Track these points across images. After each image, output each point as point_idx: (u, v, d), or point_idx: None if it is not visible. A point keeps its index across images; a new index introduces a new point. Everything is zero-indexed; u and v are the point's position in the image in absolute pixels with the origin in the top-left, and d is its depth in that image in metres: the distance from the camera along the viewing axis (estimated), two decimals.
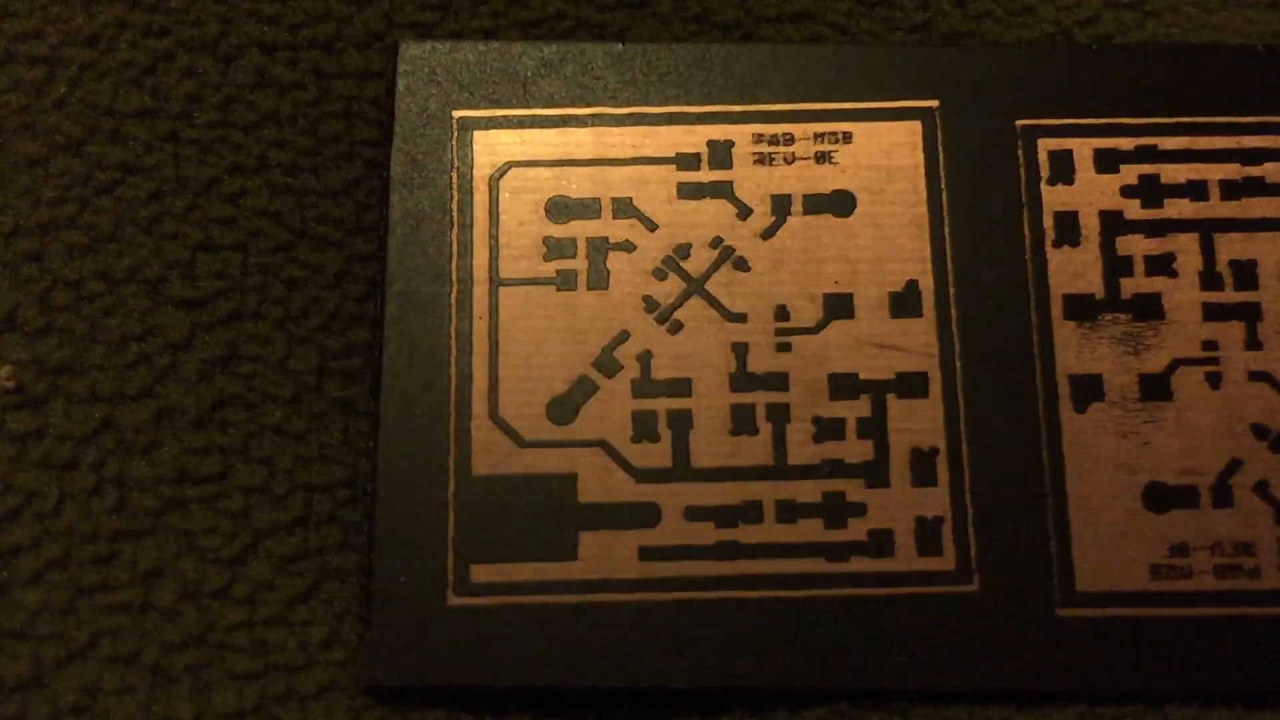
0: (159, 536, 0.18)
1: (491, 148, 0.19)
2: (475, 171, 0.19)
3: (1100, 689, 0.17)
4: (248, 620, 0.18)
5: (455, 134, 0.19)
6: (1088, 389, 0.18)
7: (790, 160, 0.19)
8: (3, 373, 0.19)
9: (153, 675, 0.18)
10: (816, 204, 0.19)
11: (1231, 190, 0.19)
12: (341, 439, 0.19)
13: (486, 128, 0.19)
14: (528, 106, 0.19)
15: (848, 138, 0.19)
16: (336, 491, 0.19)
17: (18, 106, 0.20)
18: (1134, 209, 0.19)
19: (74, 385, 0.19)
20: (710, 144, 0.19)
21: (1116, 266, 0.18)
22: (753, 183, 0.19)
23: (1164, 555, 0.17)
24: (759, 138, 0.19)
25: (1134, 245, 0.19)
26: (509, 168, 0.19)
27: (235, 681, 0.18)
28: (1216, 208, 0.19)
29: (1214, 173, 0.19)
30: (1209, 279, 0.18)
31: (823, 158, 0.19)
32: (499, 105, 0.19)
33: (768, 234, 0.19)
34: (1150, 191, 0.19)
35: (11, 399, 0.19)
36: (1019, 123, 0.19)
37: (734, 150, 0.19)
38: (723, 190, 0.19)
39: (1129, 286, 0.18)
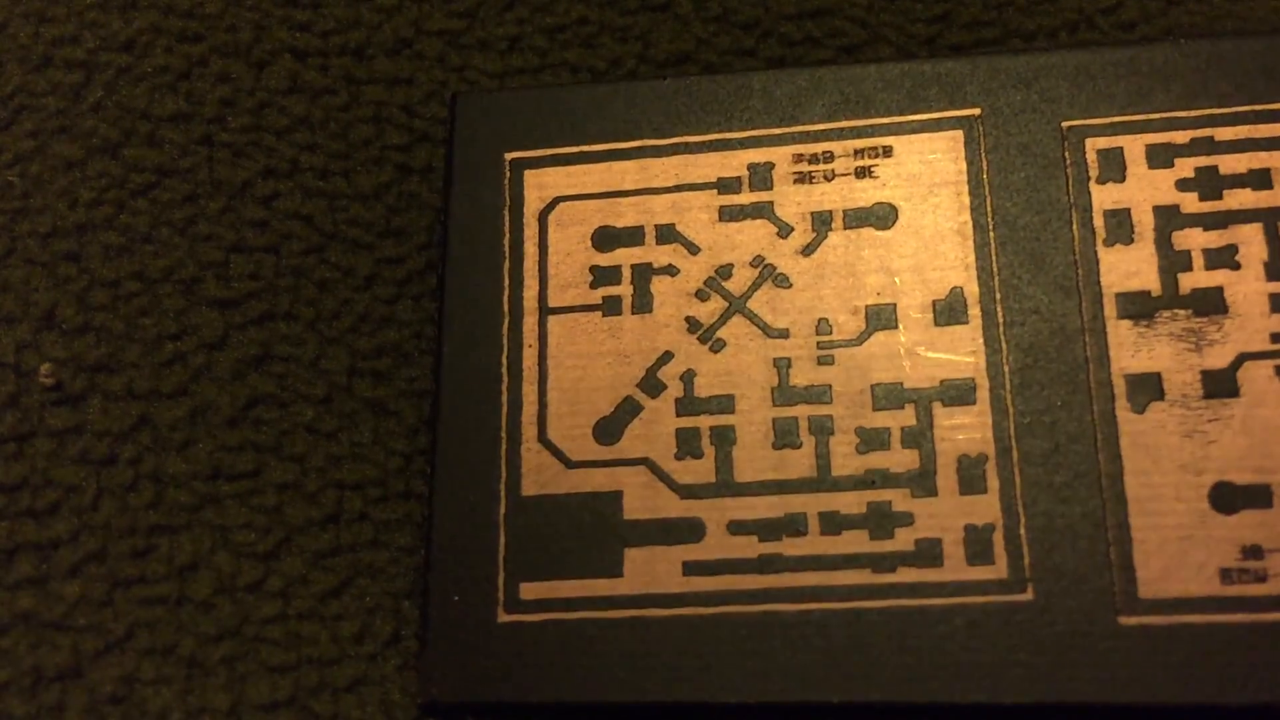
0: (195, 531, 0.19)
1: (541, 185, 0.20)
2: (526, 208, 0.20)
3: (1166, 701, 0.16)
4: (281, 614, 0.19)
5: (508, 175, 0.20)
6: (1146, 388, 0.17)
7: (830, 177, 0.19)
8: (42, 370, 0.20)
9: (189, 666, 0.18)
10: (857, 218, 0.19)
11: None
12: (372, 438, 0.20)
13: (536, 167, 0.20)
14: (575, 144, 0.20)
15: (888, 151, 0.19)
16: (367, 490, 0.19)
17: (55, 110, 0.21)
18: (1191, 202, 0.18)
19: (111, 383, 0.20)
20: (750, 167, 0.19)
21: (1174, 262, 0.18)
22: (793, 202, 0.19)
23: (1236, 558, 0.16)
24: (799, 158, 0.19)
25: (1192, 239, 0.18)
26: (557, 202, 0.20)
27: (269, 673, 0.18)
28: None
29: (1278, 160, 0.18)
30: (1276, 269, 0.18)
31: (863, 173, 0.19)
32: (548, 145, 0.20)
33: (808, 250, 0.19)
34: (1208, 184, 0.18)
35: (50, 396, 0.20)
36: (1065, 124, 0.19)
37: (774, 171, 0.19)
38: (763, 210, 0.19)
39: (1188, 281, 0.18)
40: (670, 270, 0.19)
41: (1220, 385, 0.17)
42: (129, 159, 0.21)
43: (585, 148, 0.20)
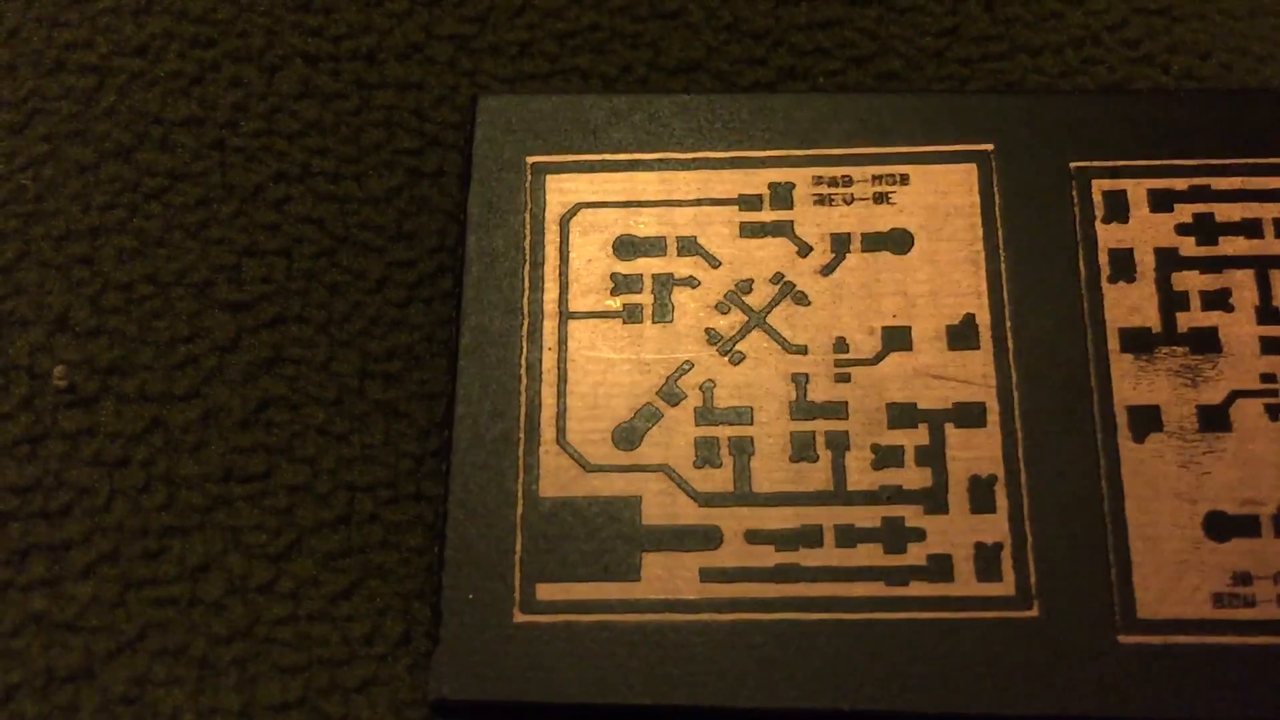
0: (206, 533, 0.19)
1: (562, 190, 0.20)
2: (547, 213, 0.20)
3: (1161, 717, 0.17)
4: (292, 615, 0.19)
5: (529, 179, 0.20)
6: (1146, 420, 0.18)
7: (849, 201, 0.20)
8: (56, 372, 0.19)
9: (200, 667, 0.18)
10: (875, 242, 0.19)
11: None
12: (383, 440, 0.20)
13: (558, 172, 0.20)
14: (597, 152, 0.20)
15: (905, 179, 0.20)
16: (378, 491, 0.19)
17: (69, 114, 0.21)
18: (1189, 246, 0.19)
19: (124, 385, 0.20)
20: (771, 186, 0.20)
21: (1173, 301, 0.19)
22: (813, 222, 0.20)
23: (1227, 584, 0.17)
24: (819, 180, 0.20)
25: (1190, 281, 0.19)
26: (579, 209, 0.20)
27: (280, 674, 0.18)
28: (1272, 245, 0.19)
29: (1269, 211, 0.19)
30: (1265, 314, 0.19)
31: (881, 198, 0.20)
32: (570, 151, 0.20)
33: (827, 270, 0.19)
34: (1205, 229, 0.19)
35: (64, 398, 0.19)
36: (1073, 164, 0.20)
37: (794, 192, 0.20)
38: (784, 229, 0.20)
39: (1185, 320, 0.19)
40: (691, 282, 0.19)
41: (1214, 420, 0.18)
42: (142, 163, 0.21)
43: (607, 156, 0.20)
